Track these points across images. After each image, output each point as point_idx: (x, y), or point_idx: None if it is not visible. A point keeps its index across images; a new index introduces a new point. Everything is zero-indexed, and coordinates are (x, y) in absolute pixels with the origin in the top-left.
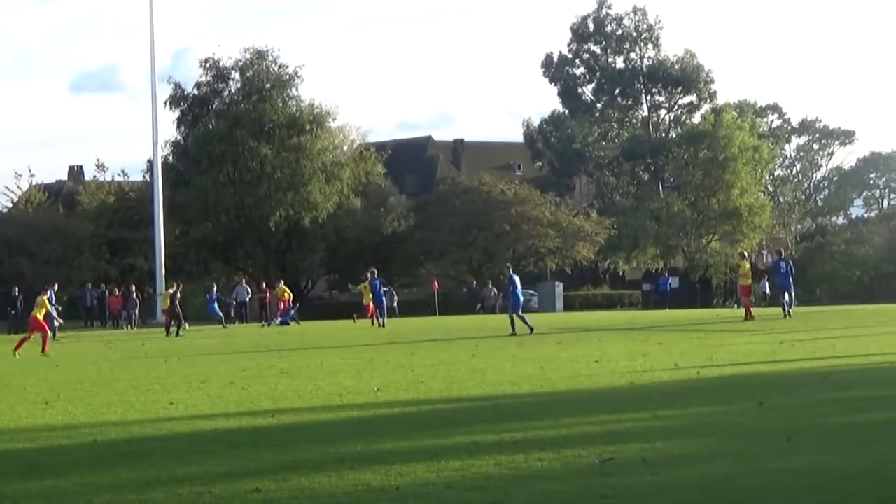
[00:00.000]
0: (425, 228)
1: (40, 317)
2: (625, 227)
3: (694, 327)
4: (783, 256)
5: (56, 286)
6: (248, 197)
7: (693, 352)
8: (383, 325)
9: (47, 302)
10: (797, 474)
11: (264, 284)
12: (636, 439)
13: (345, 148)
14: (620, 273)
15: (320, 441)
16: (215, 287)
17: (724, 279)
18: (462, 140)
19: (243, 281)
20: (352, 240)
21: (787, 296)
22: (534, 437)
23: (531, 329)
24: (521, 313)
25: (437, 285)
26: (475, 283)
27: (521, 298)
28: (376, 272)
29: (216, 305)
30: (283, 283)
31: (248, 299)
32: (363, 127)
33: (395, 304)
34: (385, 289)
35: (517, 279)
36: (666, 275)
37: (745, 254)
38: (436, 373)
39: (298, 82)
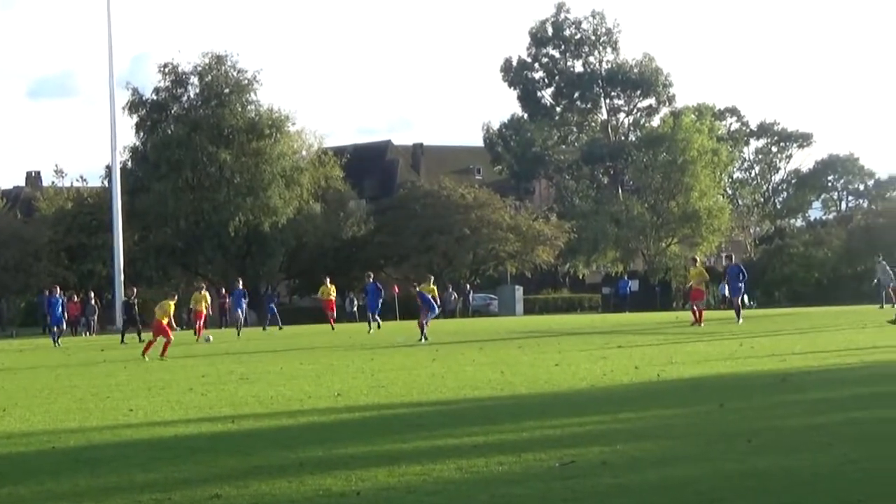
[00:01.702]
0: (385, 233)
1: (165, 322)
2: (584, 231)
3: (654, 330)
4: (734, 261)
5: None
6: (207, 202)
7: (653, 354)
8: (377, 328)
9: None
10: (758, 476)
11: (223, 290)
12: (597, 442)
13: (304, 153)
14: (580, 276)
15: (280, 446)
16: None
17: (684, 282)
18: (422, 144)
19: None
20: (312, 245)
21: (737, 300)
22: (495, 440)
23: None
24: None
25: (397, 290)
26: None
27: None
28: (372, 275)
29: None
30: (328, 280)
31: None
32: (322, 131)
33: (356, 308)
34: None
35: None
36: (625, 278)
37: (697, 259)
38: (396, 377)
39: (257, 87)
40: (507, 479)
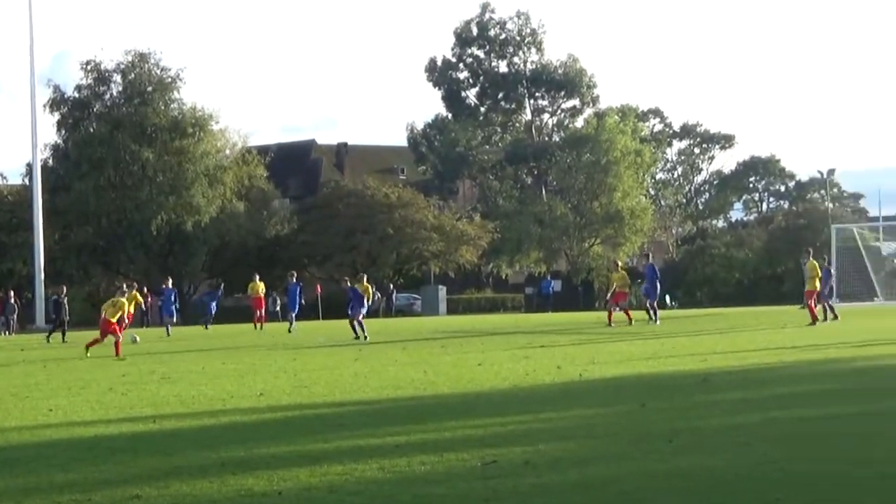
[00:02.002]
0: (309, 232)
1: (115, 319)
2: (508, 231)
3: (576, 330)
4: (650, 261)
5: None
6: (129, 201)
7: (575, 354)
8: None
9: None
10: (679, 476)
11: (145, 289)
12: (519, 442)
13: (227, 151)
14: (503, 276)
15: (202, 447)
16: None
17: (607, 282)
18: (346, 144)
19: (125, 286)
20: (235, 243)
21: (652, 301)
22: (417, 440)
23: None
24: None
25: (320, 289)
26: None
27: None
28: (295, 275)
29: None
30: (257, 278)
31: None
32: (246, 130)
33: (279, 308)
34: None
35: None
36: (548, 278)
37: (618, 263)
38: (319, 377)
39: (181, 85)
40: (429, 479)
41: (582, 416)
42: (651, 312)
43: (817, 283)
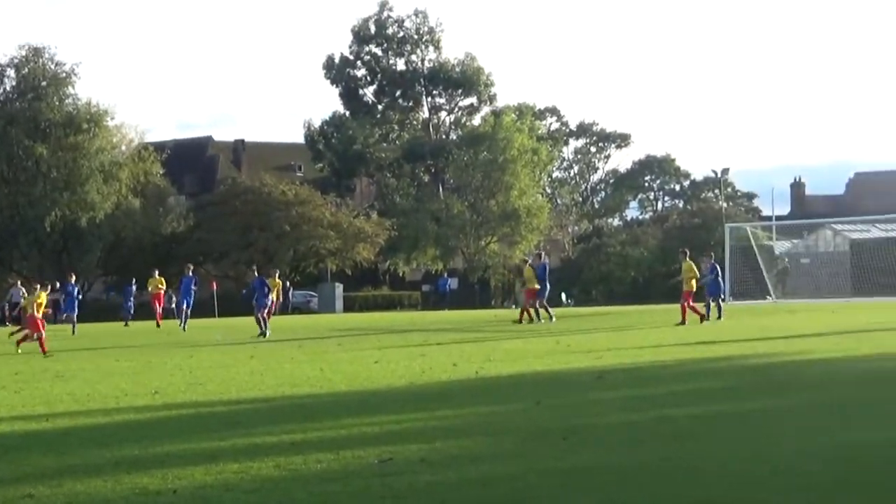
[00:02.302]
0: (205, 229)
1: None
2: (405, 229)
3: (473, 328)
4: (542, 259)
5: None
6: (22, 196)
7: (472, 352)
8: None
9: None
10: (574, 473)
11: (38, 286)
12: (415, 439)
13: (123, 147)
14: (400, 274)
15: (96, 445)
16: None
17: (503, 280)
18: (243, 140)
19: (18, 282)
20: (130, 240)
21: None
22: (313, 438)
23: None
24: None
25: (215, 286)
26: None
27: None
28: (192, 267)
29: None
30: (157, 273)
31: (23, 301)
32: (142, 126)
33: (174, 304)
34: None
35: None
36: (445, 276)
37: (528, 260)
38: (214, 375)
39: (75, 80)
40: (325, 477)
41: (478, 414)
42: (544, 311)
43: (693, 284)
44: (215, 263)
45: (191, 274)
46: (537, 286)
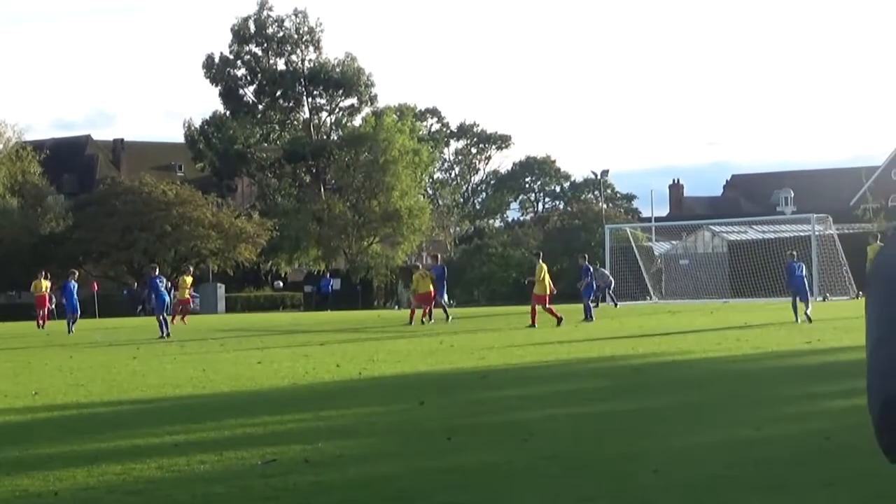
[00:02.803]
0: (85, 229)
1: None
2: (287, 229)
3: (356, 328)
4: (439, 261)
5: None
6: None
7: (355, 352)
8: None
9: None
10: (457, 472)
11: None
12: (299, 440)
13: (0, 146)
14: (283, 274)
15: None
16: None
17: (385, 281)
18: (122, 140)
19: None
20: (8, 240)
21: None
22: (196, 439)
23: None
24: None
25: (96, 286)
26: (136, 284)
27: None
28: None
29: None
30: (42, 275)
31: None
32: (20, 125)
33: (54, 305)
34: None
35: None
36: (328, 276)
37: (420, 265)
38: (95, 375)
39: None
40: (208, 478)
41: (361, 414)
42: (441, 311)
43: (546, 286)
44: (95, 263)
45: (74, 280)
46: (430, 289)
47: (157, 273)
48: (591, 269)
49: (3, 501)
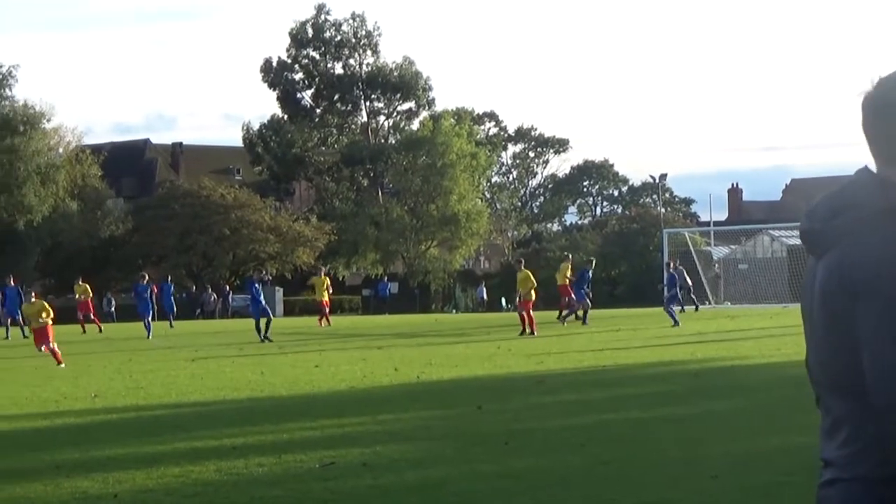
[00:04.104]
0: (143, 232)
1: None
2: (344, 233)
3: (413, 332)
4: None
5: None
6: None
7: (412, 356)
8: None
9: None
10: (513, 477)
11: None
12: (356, 443)
13: (60, 150)
14: (340, 278)
15: (36, 449)
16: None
17: (443, 284)
18: (181, 143)
19: None
20: (68, 244)
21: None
22: (254, 442)
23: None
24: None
25: (155, 290)
26: (194, 287)
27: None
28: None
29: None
30: (81, 280)
31: None
32: (80, 129)
33: (114, 308)
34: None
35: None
36: (385, 280)
37: (522, 261)
38: (155, 378)
39: (12, 82)
40: (266, 481)
41: (419, 418)
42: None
43: (532, 294)
44: (154, 267)
45: (145, 282)
46: (532, 295)
47: (259, 277)
48: (677, 278)
49: (63, 503)
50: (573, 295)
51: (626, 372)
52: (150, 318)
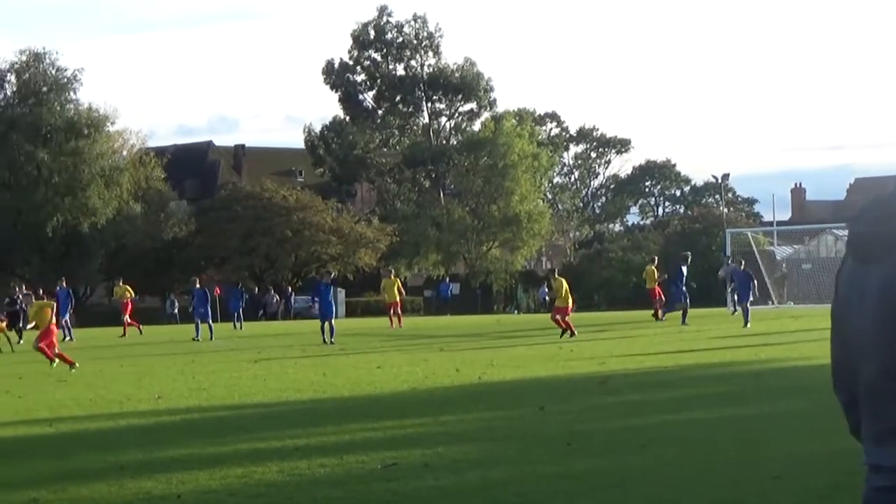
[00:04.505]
0: (206, 234)
1: None
2: (406, 234)
3: (475, 333)
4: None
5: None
6: (24, 202)
7: (474, 357)
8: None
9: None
10: (575, 478)
11: (41, 291)
12: (418, 445)
13: (124, 153)
14: (402, 279)
15: (100, 449)
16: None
17: (505, 285)
18: (243, 145)
19: (22, 287)
20: (131, 246)
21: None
22: (316, 443)
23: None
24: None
25: (218, 291)
26: (257, 289)
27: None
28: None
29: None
30: (121, 281)
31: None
32: (143, 131)
33: (177, 310)
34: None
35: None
36: (447, 281)
37: (555, 269)
38: (217, 379)
39: (77, 86)
40: (328, 482)
41: (481, 419)
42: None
43: (569, 300)
44: (217, 269)
45: (199, 286)
46: (568, 302)
47: (330, 278)
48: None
49: (128, 503)
50: (668, 294)
51: (688, 372)
52: (202, 321)
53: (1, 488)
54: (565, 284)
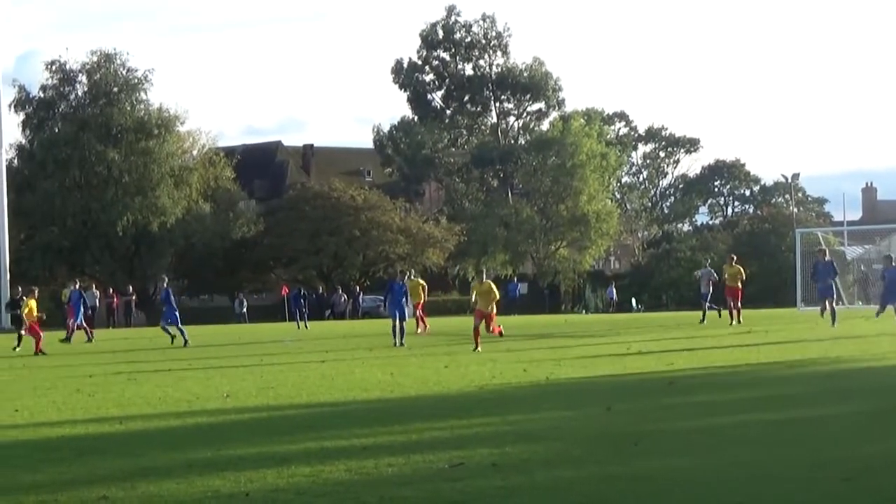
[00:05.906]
0: (275, 234)
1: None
2: (474, 234)
3: (542, 333)
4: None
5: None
6: (94, 201)
7: (541, 357)
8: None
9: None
10: (644, 479)
11: (111, 290)
12: (486, 444)
13: (194, 153)
14: (470, 279)
15: (169, 447)
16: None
17: (572, 285)
18: (312, 145)
19: (93, 286)
20: (201, 245)
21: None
22: (384, 442)
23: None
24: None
25: (286, 290)
26: (321, 289)
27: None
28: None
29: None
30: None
31: (97, 304)
32: (212, 131)
33: (245, 310)
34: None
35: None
36: (515, 281)
37: (734, 256)
38: (285, 378)
39: (147, 86)
40: (396, 481)
41: (548, 419)
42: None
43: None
44: (285, 268)
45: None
46: (738, 285)
47: (403, 278)
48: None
49: (196, 501)
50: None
51: (757, 373)
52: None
53: (72, 485)
54: (741, 271)
